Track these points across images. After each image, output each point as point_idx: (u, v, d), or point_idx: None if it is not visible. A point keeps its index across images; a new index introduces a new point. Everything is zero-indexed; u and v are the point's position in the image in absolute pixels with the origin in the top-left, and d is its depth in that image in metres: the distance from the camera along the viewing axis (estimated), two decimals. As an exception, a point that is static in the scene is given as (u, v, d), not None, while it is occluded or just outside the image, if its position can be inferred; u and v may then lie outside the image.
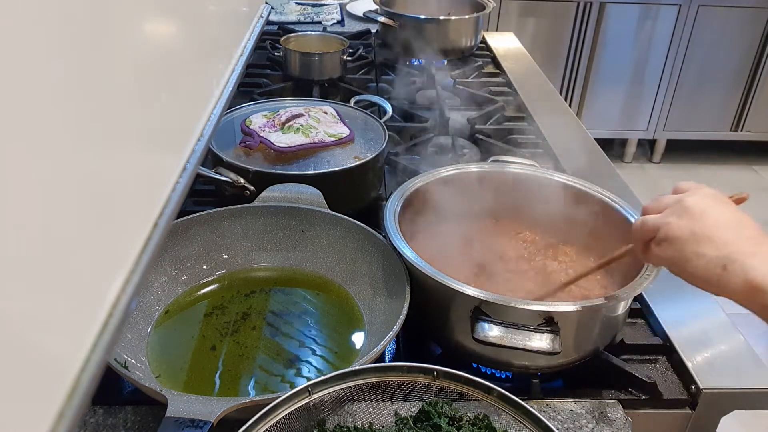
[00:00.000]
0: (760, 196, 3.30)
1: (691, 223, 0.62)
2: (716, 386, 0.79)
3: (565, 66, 3.20)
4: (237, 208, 0.94)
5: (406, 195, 0.91)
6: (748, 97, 3.30)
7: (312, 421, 0.65)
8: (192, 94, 0.62)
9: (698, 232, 0.61)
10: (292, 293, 0.90)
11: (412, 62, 1.79)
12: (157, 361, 0.77)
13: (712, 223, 0.61)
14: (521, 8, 3.07)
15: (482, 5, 1.84)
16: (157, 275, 0.86)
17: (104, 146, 0.41)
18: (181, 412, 0.61)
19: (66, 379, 0.35)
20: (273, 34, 1.88)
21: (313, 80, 1.58)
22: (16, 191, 0.31)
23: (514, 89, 1.63)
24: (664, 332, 0.87)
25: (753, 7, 3.08)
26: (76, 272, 0.37)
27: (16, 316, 0.31)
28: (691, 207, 0.63)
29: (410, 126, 1.41)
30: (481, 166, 0.99)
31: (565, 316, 0.72)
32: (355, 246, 0.91)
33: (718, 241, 0.60)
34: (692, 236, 0.62)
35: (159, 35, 0.54)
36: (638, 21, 3.12)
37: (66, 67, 0.36)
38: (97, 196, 0.39)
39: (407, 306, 0.77)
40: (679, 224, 0.63)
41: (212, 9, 0.72)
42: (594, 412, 0.76)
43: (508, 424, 0.66)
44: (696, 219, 0.62)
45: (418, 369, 0.66)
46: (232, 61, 0.78)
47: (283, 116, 1.11)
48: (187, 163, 0.56)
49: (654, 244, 0.66)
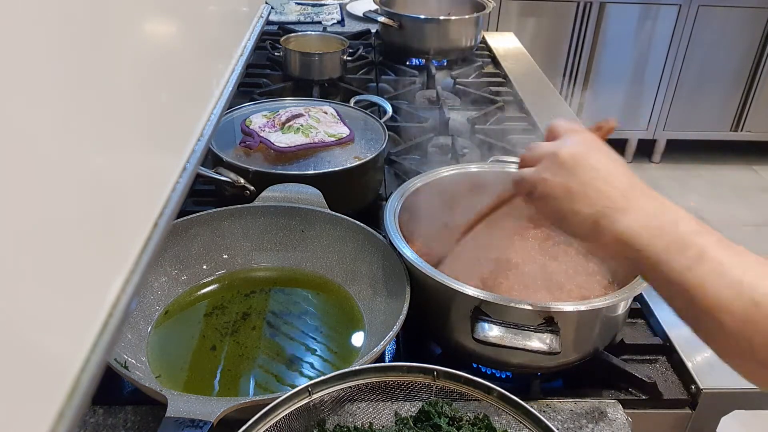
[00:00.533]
0: (760, 196, 3.31)
1: (566, 178, 0.62)
2: (716, 386, 0.79)
3: (565, 66, 3.20)
4: (237, 208, 0.94)
5: (406, 195, 0.91)
6: (748, 97, 3.30)
7: (312, 421, 0.65)
8: (192, 94, 0.62)
9: (573, 188, 0.62)
10: (292, 293, 0.90)
11: (412, 62, 1.79)
12: (157, 361, 0.77)
13: (586, 178, 0.61)
14: (521, 8, 3.07)
15: (482, 5, 1.84)
16: (157, 275, 0.86)
17: (104, 146, 0.41)
18: (181, 412, 0.61)
19: (66, 379, 0.35)
20: (273, 34, 1.88)
21: (313, 80, 1.58)
22: (16, 191, 0.31)
23: (514, 89, 1.63)
24: (664, 332, 0.87)
25: (753, 7, 3.08)
26: (76, 272, 0.37)
27: (17, 316, 0.31)
28: (565, 160, 0.63)
29: (410, 126, 1.41)
30: (481, 166, 0.99)
31: (565, 316, 0.72)
32: (355, 246, 0.91)
33: (591, 197, 0.61)
34: (567, 193, 0.62)
35: (159, 35, 0.54)
36: (638, 21, 3.12)
37: (66, 67, 0.36)
38: (97, 196, 0.39)
39: (407, 306, 0.77)
40: (554, 181, 0.63)
41: (212, 9, 0.72)
42: (594, 412, 0.76)
43: (508, 424, 0.66)
44: (570, 173, 0.62)
45: (418, 369, 0.66)
46: (232, 61, 0.78)
47: (283, 116, 1.11)
48: (187, 163, 0.56)
49: (534, 199, 0.66)
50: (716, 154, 3.54)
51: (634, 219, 0.58)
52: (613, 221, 0.59)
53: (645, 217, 0.58)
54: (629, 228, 0.58)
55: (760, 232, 3.02)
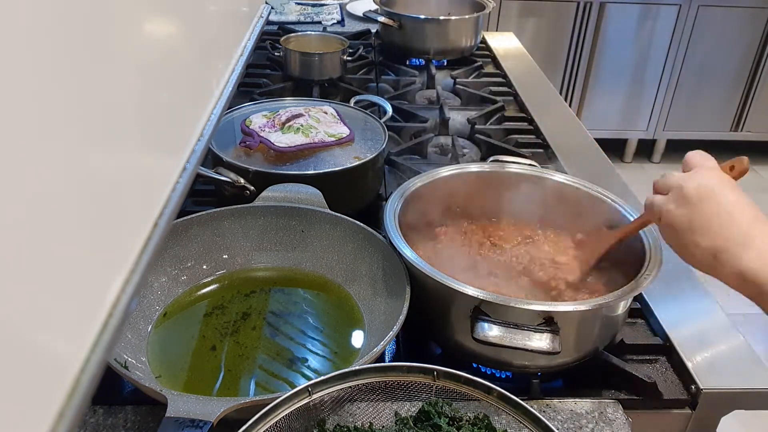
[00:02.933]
0: (761, 196, 3.30)
1: (689, 212, 0.65)
2: (716, 386, 0.79)
3: (565, 66, 3.20)
4: (237, 208, 0.94)
5: (406, 195, 0.91)
6: (748, 97, 3.30)
7: (312, 421, 0.65)
8: (192, 94, 0.62)
9: (695, 222, 0.64)
10: (292, 293, 0.90)
11: (412, 62, 1.79)
12: (157, 361, 0.77)
13: (709, 213, 0.64)
14: (521, 8, 3.07)
15: (482, 5, 1.84)
16: (157, 275, 0.86)
17: (104, 146, 0.41)
18: (181, 412, 0.61)
19: (66, 379, 0.35)
20: (273, 34, 1.88)
21: (313, 80, 1.58)
22: (17, 191, 0.31)
23: (514, 89, 1.63)
24: (664, 332, 0.87)
25: (753, 7, 3.08)
26: (76, 272, 0.37)
27: (17, 316, 0.31)
28: (691, 195, 0.65)
29: (410, 126, 1.41)
30: (481, 166, 0.99)
31: (564, 316, 0.72)
32: (355, 246, 0.91)
33: (712, 232, 0.63)
34: (689, 226, 0.64)
35: (159, 35, 0.54)
36: (638, 21, 3.12)
37: (66, 67, 0.36)
38: (97, 196, 0.39)
39: (407, 306, 0.77)
40: (677, 213, 0.66)
41: (212, 9, 0.72)
42: (594, 412, 0.76)
43: (508, 424, 0.66)
44: (694, 208, 0.65)
45: (418, 369, 0.66)
46: (232, 61, 0.78)
47: (283, 116, 1.11)
48: (187, 163, 0.56)
49: (660, 226, 0.70)
50: (716, 154, 3.50)
51: (756, 256, 0.59)
52: (733, 256, 0.60)
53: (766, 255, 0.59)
54: (750, 264, 0.59)
55: (760, 232, 3.02)
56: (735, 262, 0.60)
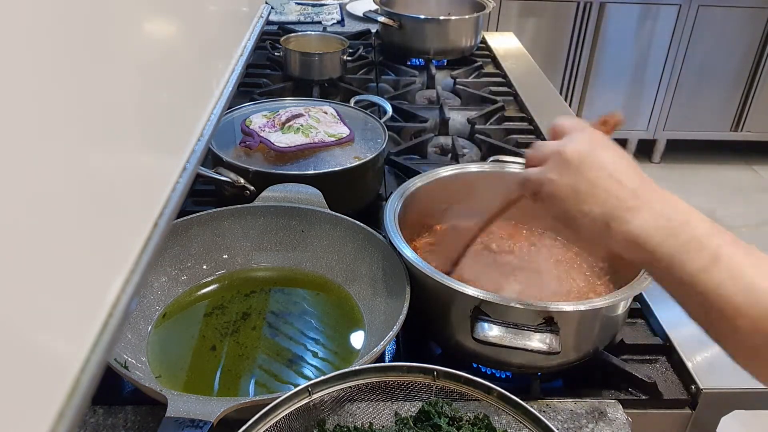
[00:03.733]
0: (760, 196, 3.31)
1: (572, 179, 0.60)
2: (716, 386, 0.79)
3: (565, 66, 3.20)
4: (237, 208, 0.94)
5: (406, 195, 0.91)
6: (748, 97, 3.30)
7: (312, 421, 0.65)
8: (192, 94, 0.62)
9: (580, 188, 0.60)
10: (292, 293, 0.90)
11: (412, 62, 1.79)
12: (157, 361, 0.77)
13: (593, 177, 0.60)
14: (521, 8, 3.07)
15: (482, 5, 1.84)
16: (157, 275, 0.86)
17: (104, 146, 0.41)
18: (181, 412, 0.61)
19: (66, 379, 0.35)
20: (273, 34, 1.88)
21: (313, 80, 1.58)
22: (16, 191, 0.31)
23: (514, 89, 1.63)
24: (664, 332, 0.87)
25: (753, 7, 3.08)
26: (76, 272, 0.37)
27: (17, 316, 0.31)
28: (571, 159, 0.61)
29: (410, 126, 1.41)
30: (481, 166, 0.99)
31: (564, 316, 0.72)
32: (355, 246, 0.91)
33: (599, 197, 0.59)
34: (574, 194, 0.60)
35: (159, 35, 0.54)
36: (638, 21, 3.12)
37: (66, 67, 0.36)
38: (97, 196, 0.39)
39: (407, 306, 0.77)
40: (560, 182, 0.61)
41: (212, 9, 0.72)
42: (594, 412, 0.76)
43: (508, 424, 0.66)
44: (577, 173, 0.60)
45: (418, 369, 0.66)
46: (232, 61, 0.78)
47: (283, 116, 1.11)
48: (187, 163, 0.56)
49: (540, 199, 0.64)
50: (716, 154, 3.54)
51: (646, 219, 0.57)
52: (624, 221, 0.57)
53: (657, 218, 0.56)
54: (641, 228, 0.56)
55: (759, 232, 3.02)
56: (626, 228, 0.57)
